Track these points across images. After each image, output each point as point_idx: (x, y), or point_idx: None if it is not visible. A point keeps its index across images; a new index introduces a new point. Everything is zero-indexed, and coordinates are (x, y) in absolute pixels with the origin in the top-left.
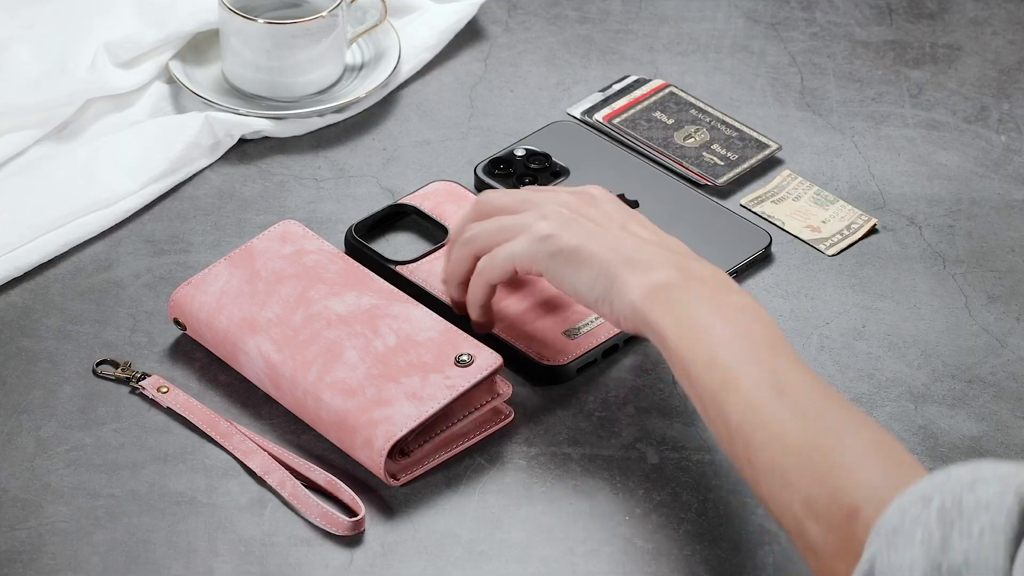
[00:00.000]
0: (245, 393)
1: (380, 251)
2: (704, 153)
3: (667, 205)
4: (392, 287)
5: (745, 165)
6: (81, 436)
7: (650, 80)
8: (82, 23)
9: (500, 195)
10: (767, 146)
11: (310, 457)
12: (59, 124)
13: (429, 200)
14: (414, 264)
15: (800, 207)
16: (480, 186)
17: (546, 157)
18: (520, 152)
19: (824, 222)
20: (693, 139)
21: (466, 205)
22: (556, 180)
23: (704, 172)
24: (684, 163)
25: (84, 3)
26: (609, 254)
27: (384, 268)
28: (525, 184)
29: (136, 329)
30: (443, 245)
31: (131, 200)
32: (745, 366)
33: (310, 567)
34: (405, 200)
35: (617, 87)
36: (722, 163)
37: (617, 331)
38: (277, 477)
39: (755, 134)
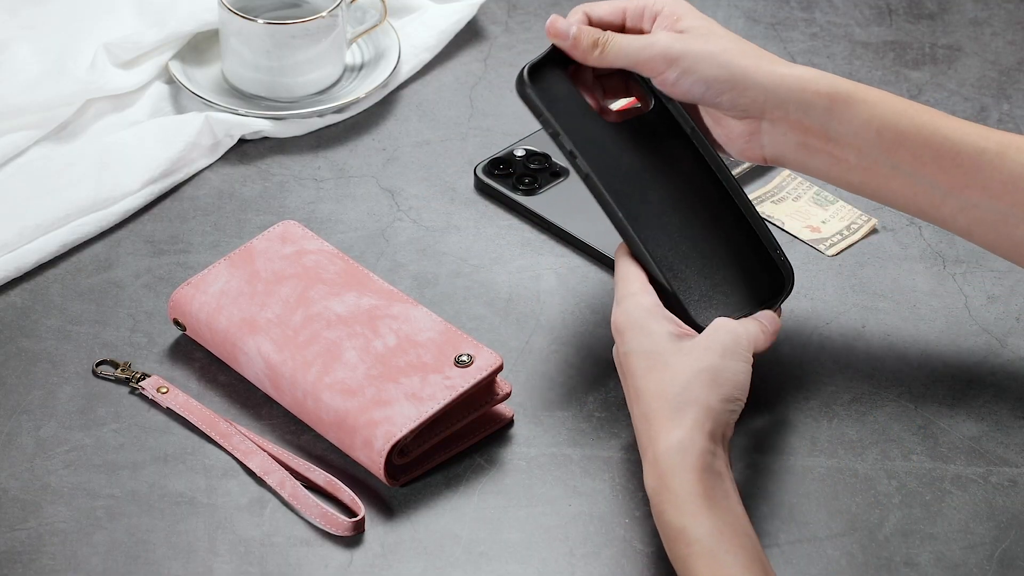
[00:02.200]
0: (245, 393)
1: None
2: None
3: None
4: (392, 287)
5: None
6: (81, 436)
7: None
8: (82, 23)
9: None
10: None
11: (310, 457)
12: (59, 124)
13: None
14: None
15: (800, 207)
16: (480, 186)
17: (546, 157)
18: (520, 152)
19: (824, 222)
20: None
21: None
22: (555, 180)
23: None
24: None
25: (84, 3)
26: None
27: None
28: (525, 184)
29: (136, 329)
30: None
31: (131, 200)
32: None
33: (310, 567)
34: None
35: None
36: (727, 160)
37: None
38: (277, 477)
39: None
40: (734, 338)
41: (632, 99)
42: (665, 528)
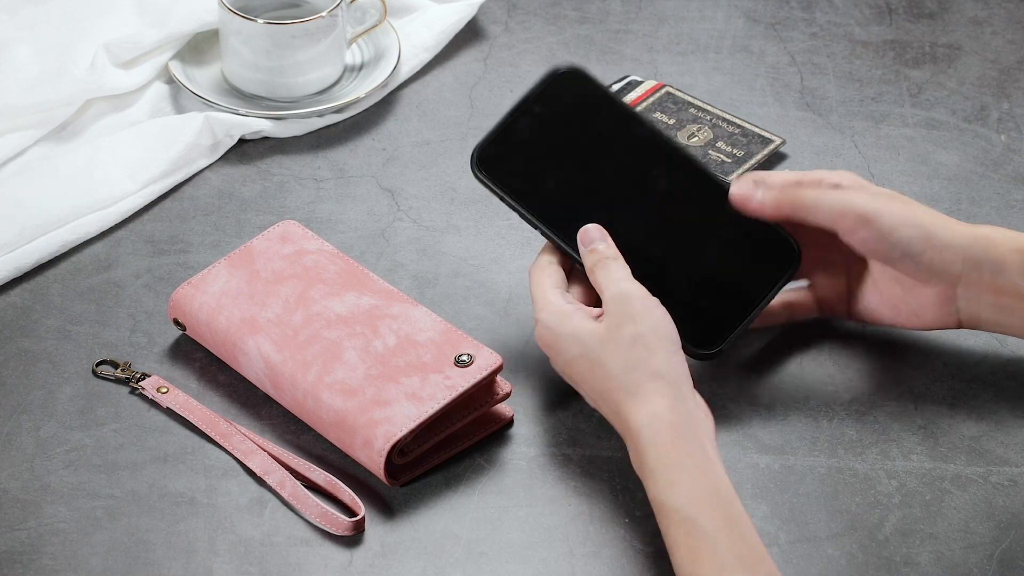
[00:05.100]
0: (245, 393)
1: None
2: (710, 151)
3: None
4: (392, 287)
5: (752, 161)
6: (81, 436)
7: (643, 82)
8: (82, 23)
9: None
10: (771, 140)
11: (310, 457)
12: (59, 124)
13: None
14: None
15: None
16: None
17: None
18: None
19: None
20: (697, 138)
21: None
22: None
23: (713, 170)
24: None
25: (84, 3)
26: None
27: None
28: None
29: (136, 329)
30: None
31: (131, 200)
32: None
33: (310, 567)
34: None
35: (616, 87)
36: (729, 160)
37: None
38: (277, 477)
39: (757, 129)
40: (630, 299)
41: None
42: (652, 505)
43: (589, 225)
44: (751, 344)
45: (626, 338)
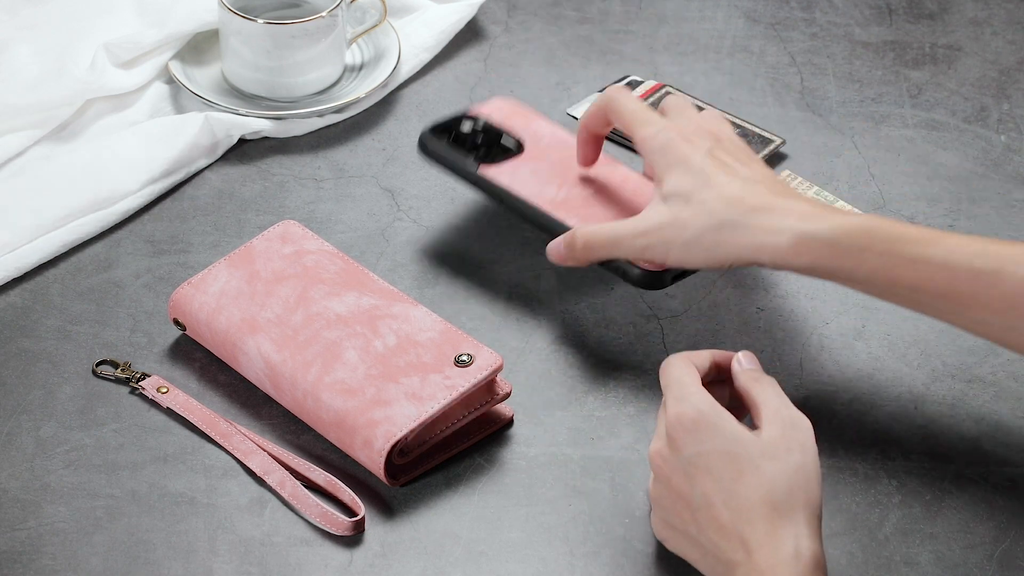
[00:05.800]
0: (245, 393)
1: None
2: None
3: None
4: (392, 287)
5: None
6: (81, 436)
7: (643, 82)
8: (82, 23)
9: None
10: (771, 141)
11: (310, 457)
12: (59, 124)
13: (497, 115)
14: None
15: None
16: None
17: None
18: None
19: None
20: None
21: (533, 119)
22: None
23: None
24: None
25: (84, 3)
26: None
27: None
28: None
29: (136, 329)
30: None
31: (131, 200)
32: None
33: (310, 567)
34: (474, 112)
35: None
36: None
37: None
38: (277, 477)
39: (757, 129)
40: (800, 428)
41: None
42: None
43: (745, 352)
44: (750, 344)
45: (793, 463)
